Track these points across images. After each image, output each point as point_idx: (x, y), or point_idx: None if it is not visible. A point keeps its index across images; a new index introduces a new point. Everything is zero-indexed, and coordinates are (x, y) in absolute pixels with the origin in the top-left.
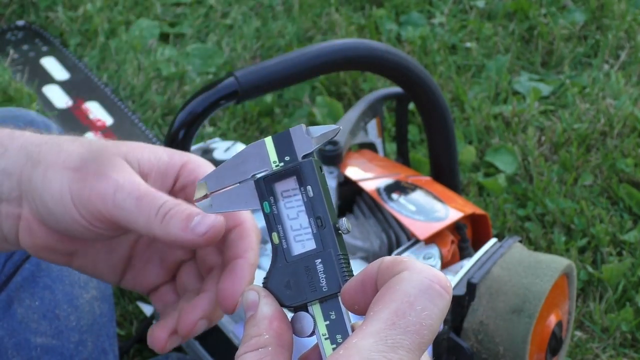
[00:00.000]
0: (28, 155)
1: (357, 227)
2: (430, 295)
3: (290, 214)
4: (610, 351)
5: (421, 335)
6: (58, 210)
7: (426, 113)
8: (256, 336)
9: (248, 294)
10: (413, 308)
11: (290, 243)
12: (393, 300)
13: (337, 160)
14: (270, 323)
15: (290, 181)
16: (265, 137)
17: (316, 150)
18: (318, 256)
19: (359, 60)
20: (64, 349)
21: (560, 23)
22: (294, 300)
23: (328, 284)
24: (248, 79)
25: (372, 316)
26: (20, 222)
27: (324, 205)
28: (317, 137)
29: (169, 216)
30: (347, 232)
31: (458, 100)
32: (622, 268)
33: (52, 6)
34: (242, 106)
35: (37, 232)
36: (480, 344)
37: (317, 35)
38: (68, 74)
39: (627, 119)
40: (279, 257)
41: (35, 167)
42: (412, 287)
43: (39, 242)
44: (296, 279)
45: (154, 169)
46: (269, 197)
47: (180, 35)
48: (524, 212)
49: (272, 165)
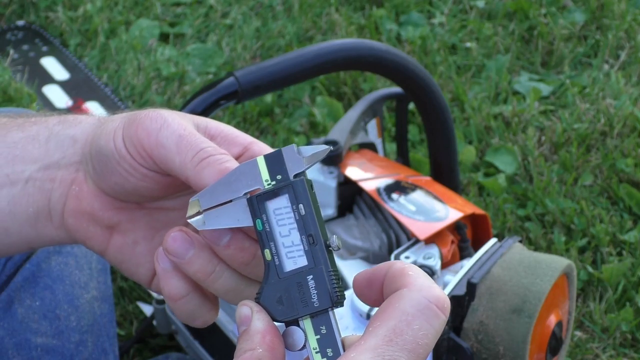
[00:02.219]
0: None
1: (357, 227)
2: (427, 316)
3: (282, 231)
4: (610, 351)
5: (417, 354)
6: (108, 149)
7: (426, 113)
8: (250, 350)
9: (241, 309)
10: (410, 327)
11: (283, 260)
12: (392, 317)
13: (337, 160)
14: (263, 337)
15: (283, 199)
16: (257, 157)
17: (307, 169)
18: (310, 272)
19: (359, 60)
20: (64, 349)
21: (560, 23)
22: (286, 315)
23: (319, 300)
24: (248, 79)
25: (370, 332)
26: (72, 187)
27: (315, 223)
28: (308, 157)
29: (205, 162)
30: (337, 249)
31: (458, 100)
32: (622, 268)
33: (52, 6)
34: (242, 106)
35: (85, 195)
36: (480, 344)
37: (317, 35)
38: (68, 74)
39: (627, 119)
40: (272, 273)
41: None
42: (411, 306)
43: (85, 207)
44: (288, 295)
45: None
46: (262, 214)
47: (180, 35)
48: (524, 212)
49: (264, 184)
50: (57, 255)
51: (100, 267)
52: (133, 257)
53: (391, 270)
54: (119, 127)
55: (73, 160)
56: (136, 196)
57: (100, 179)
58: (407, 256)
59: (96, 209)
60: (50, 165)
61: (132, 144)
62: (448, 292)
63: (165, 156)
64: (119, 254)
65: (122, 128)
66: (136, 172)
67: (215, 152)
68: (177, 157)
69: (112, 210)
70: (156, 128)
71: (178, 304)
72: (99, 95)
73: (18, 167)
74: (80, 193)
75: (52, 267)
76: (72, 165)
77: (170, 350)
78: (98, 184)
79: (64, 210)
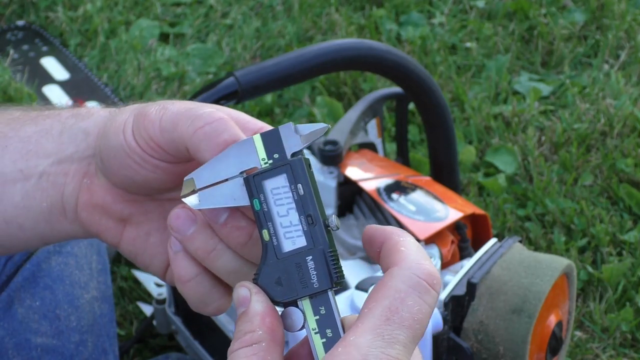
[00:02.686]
0: (109, 116)
1: (357, 227)
2: (420, 292)
3: (280, 211)
4: (610, 351)
5: (414, 330)
6: (117, 142)
7: (426, 113)
8: (250, 332)
9: (239, 290)
10: (405, 304)
11: (281, 240)
12: (386, 297)
13: (337, 160)
14: (263, 319)
15: (280, 179)
16: (254, 135)
17: (305, 148)
18: (309, 253)
19: (359, 60)
20: (65, 349)
21: (560, 23)
22: (285, 297)
23: (319, 281)
24: (248, 79)
25: (366, 313)
26: (84, 180)
27: (314, 203)
28: (306, 135)
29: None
30: (336, 229)
31: (458, 100)
32: (622, 268)
33: (52, 6)
34: (242, 106)
35: (95, 188)
36: (480, 344)
37: (317, 35)
38: (68, 74)
39: (627, 119)
40: (270, 254)
41: (111, 119)
42: (403, 282)
43: (97, 200)
44: (287, 276)
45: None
46: (259, 194)
47: (180, 35)
48: (524, 212)
49: (261, 163)
50: (57, 255)
51: (100, 267)
52: (147, 248)
53: (386, 244)
54: (128, 121)
55: (86, 154)
56: (147, 188)
57: (109, 172)
58: None
59: (108, 201)
60: (64, 160)
61: (141, 136)
62: (448, 292)
63: (169, 139)
64: (132, 246)
65: (131, 122)
66: (147, 163)
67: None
68: (176, 133)
69: (123, 202)
70: (158, 117)
71: (188, 286)
72: (99, 95)
73: (32, 161)
74: (91, 186)
75: (52, 267)
76: (85, 159)
77: (170, 350)
78: (108, 176)
79: (77, 204)
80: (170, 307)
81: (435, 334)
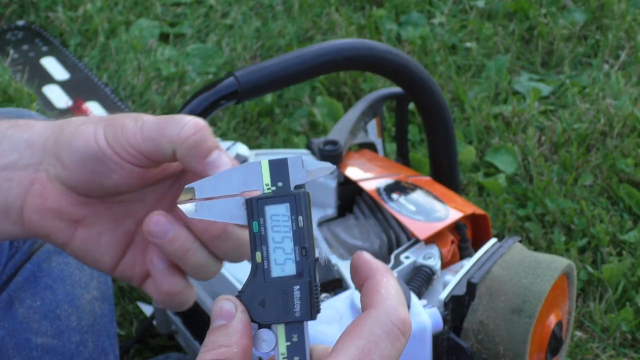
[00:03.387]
0: (53, 127)
1: (357, 227)
2: (392, 338)
3: (275, 237)
4: (610, 351)
5: None
6: (89, 150)
7: (426, 113)
8: (226, 346)
9: (224, 303)
10: (378, 347)
11: (271, 264)
12: (361, 337)
13: (337, 160)
14: (241, 338)
15: (282, 207)
16: (262, 160)
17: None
18: (297, 283)
19: (359, 60)
20: (65, 349)
21: (560, 23)
22: (264, 319)
23: (301, 310)
24: (248, 79)
25: (340, 349)
26: (33, 186)
27: (311, 236)
28: (312, 171)
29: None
30: (323, 264)
31: (458, 100)
32: (622, 268)
33: (52, 6)
34: (242, 106)
35: (49, 193)
36: (480, 344)
37: (317, 35)
38: (68, 74)
39: (627, 119)
40: (259, 275)
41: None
42: (378, 326)
43: (50, 204)
44: (271, 299)
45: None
46: (259, 217)
47: (180, 35)
48: (524, 212)
49: (264, 188)
50: (57, 255)
51: None
52: (98, 247)
53: (369, 282)
54: (98, 131)
55: (32, 162)
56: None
57: (71, 177)
58: (407, 256)
59: (63, 205)
60: (7, 166)
61: (119, 144)
62: (448, 292)
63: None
64: (83, 245)
65: (102, 132)
66: (122, 169)
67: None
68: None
69: (77, 205)
70: (138, 126)
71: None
72: (99, 95)
73: None
74: (44, 192)
75: (52, 267)
76: (31, 166)
77: (170, 350)
78: (66, 182)
79: (23, 208)
80: None
81: (435, 334)
